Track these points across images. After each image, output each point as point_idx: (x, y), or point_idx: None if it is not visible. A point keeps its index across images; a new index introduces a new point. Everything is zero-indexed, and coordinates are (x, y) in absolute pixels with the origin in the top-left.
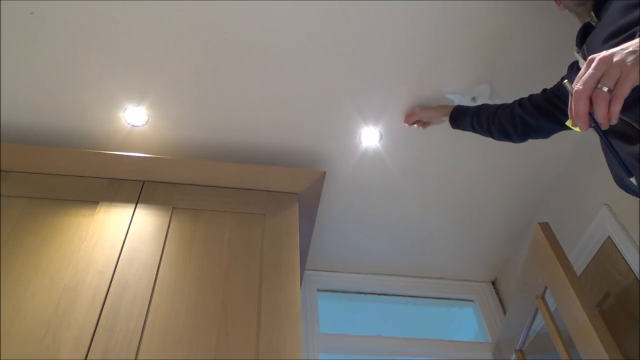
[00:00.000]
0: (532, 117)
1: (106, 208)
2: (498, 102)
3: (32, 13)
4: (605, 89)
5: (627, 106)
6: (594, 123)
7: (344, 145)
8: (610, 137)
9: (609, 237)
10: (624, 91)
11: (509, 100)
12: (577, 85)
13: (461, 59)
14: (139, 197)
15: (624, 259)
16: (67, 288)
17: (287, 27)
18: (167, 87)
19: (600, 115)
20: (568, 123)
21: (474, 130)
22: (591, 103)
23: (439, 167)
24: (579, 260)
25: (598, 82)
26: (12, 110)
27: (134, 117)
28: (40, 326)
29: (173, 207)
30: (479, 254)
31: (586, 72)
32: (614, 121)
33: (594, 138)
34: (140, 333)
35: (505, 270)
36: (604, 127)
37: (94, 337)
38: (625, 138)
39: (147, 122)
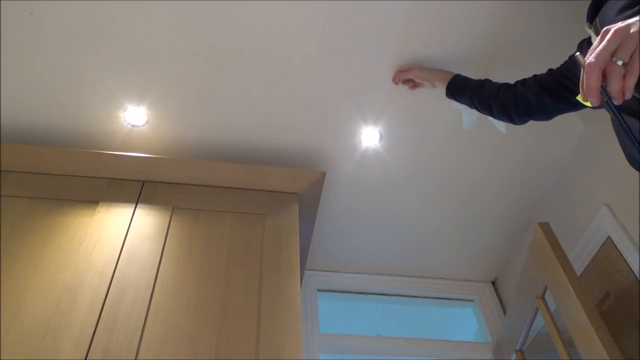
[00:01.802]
0: (535, 95)
1: (106, 208)
2: None
3: (32, 13)
4: (620, 62)
5: None
6: (606, 98)
7: (344, 145)
8: (623, 114)
9: (609, 237)
10: None
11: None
12: (590, 57)
13: (461, 58)
14: (139, 197)
15: (624, 259)
16: (67, 288)
17: (287, 28)
18: (167, 87)
19: (614, 89)
20: (579, 98)
21: (472, 106)
22: (604, 77)
23: (439, 167)
24: (579, 260)
25: (612, 55)
26: (12, 110)
27: (134, 117)
28: (40, 326)
29: (173, 207)
30: (479, 254)
31: (600, 44)
32: (628, 96)
33: (594, 138)
34: (140, 333)
35: (505, 270)
36: (618, 102)
37: (94, 337)
38: (637, 115)
39: (147, 122)
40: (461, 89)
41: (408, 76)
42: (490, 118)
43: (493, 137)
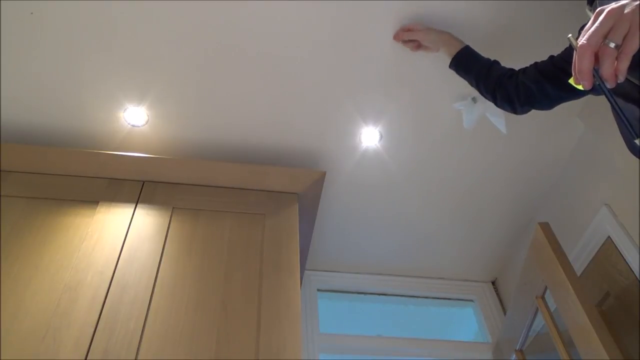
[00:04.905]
0: (536, 83)
1: (106, 208)
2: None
3: (32, 13)
4: (613, 44)
5: (635, 64)
6: (598, 81)
7: (344, 145)
8: (619, 100)
9: (609, 237)
10: (633, 47)
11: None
12: (582, 39)
13: None
14: (139, 197)
15: (624, 259)
16: (67, 288)
17: (287, 28)
18: (167, 87)
19: (606, 72)
20: (571, 81)
21: (476, 86)
22: (597, 59)
23: (439, 167)
24: (579, 260)
25: (605, 36)
26: (12, 110)
27: (134, 117)
28: (40, 326)
29: (173, 207)
30: (479, 254)
31: (592, 25)
32: (621, 79)
33: (594, 138)
34: (140, 333)
35: (505, 270)
36: (611, 85)
37: (94, 337)
38: (635, 101)
39: (147, 122)
40: (468, 66)
41: (413, 37)
42: (491, 118)
43: (493, 137)
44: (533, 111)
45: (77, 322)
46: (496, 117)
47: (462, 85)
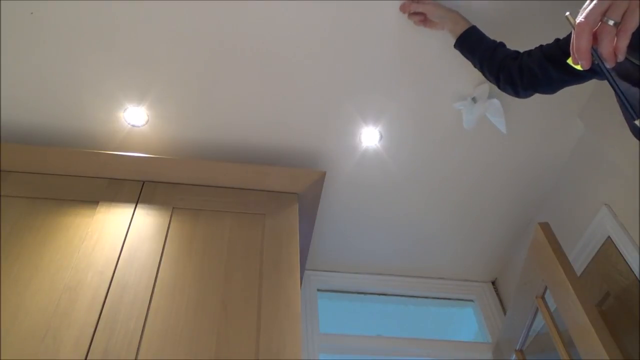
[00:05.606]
0: (540, 67)
1: (106, 208)
2: (497, 102)
3: (32, 13)
4: (611, 22)
5: (636, 44)
6: (597, 60)
7: (344, 145)
8: (620, 82)
9: (609, 237)
10: (632, 24)
11: (510, 100)
12: (580, 17)
13: (461, 58)
14: (139, 197)
15: (624, 259)
16: (67, 288)
17: (287, 28)
18: (167, 87)
19: (605, 51)
20: (569, 61)
21: (480, 68)
22: (595, 38)
23: (439, 167)
24: (579, 260)
25: (603, 14)
26: (12, 110)
27: (134, 117)
28: (40, 326)
29: (173, 207)
30: (479, 254)
31: (591, 3)
32: (621, 58)
33: (594, 138)
34: (140, 333)
35: (505, 270)
36: (610, 64)
37: (94, 337)
38: (636, 83)
39: (147, 122)
40: (473, 47)
41: (420, 9)
42: (491, 118)
43: (493, 137)
44: (533, 111)
45: (77, 322)
46: (496, 117)
47: (462, 85)
